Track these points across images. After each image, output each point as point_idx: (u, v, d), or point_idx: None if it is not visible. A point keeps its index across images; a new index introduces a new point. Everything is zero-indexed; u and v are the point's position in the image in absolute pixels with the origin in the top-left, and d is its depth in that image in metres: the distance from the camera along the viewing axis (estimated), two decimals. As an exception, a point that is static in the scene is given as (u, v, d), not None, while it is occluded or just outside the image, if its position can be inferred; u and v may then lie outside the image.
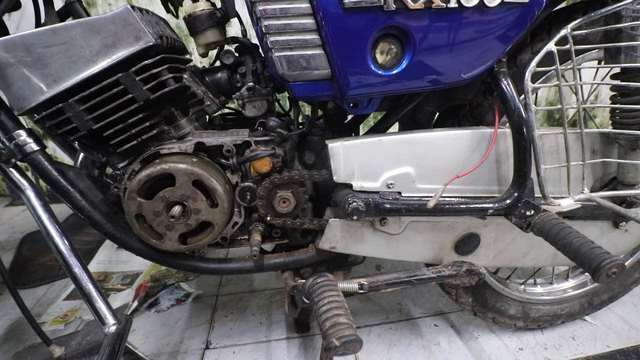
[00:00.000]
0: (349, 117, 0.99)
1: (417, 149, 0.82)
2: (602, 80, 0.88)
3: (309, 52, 0.71)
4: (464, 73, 0.77)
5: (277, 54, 0.71)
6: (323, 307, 0.68)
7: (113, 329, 0.75)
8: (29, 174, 0.79)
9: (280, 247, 0.97)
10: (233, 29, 1.93)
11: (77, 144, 0.80)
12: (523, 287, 1.13)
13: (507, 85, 0.78)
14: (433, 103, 0.95)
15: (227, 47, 0.88)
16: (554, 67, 0.75)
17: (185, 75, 0.79)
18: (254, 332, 1.23)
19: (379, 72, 0.73)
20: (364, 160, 0.80)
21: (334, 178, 0.81)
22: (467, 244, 0.92)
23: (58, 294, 1.47)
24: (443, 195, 0.80)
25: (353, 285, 0.81)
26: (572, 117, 1.21)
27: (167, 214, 0.78)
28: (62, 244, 0.77)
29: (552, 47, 0.74)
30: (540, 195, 0.81)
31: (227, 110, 1.05)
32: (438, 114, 1.01)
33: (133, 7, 0.70)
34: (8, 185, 2.55)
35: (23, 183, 0.77)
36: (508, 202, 0.81)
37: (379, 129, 0.94)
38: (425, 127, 0.98)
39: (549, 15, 0.85)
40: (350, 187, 0.82)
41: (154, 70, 0.72)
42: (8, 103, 0.73)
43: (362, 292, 0.82)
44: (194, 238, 0.84)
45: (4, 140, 0.74)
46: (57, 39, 0.67)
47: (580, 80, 0.76)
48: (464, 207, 0.82)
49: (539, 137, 0.78)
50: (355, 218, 0.78)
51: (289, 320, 1.25)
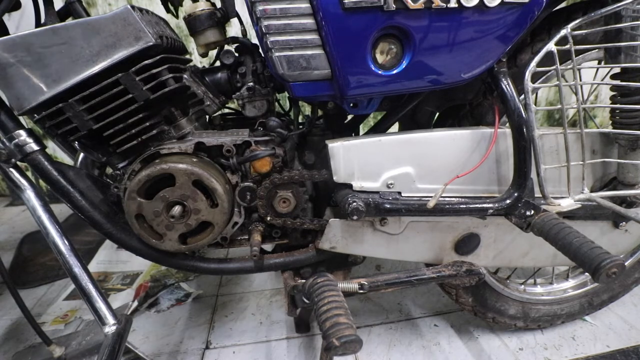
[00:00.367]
0: (349, 117, 0.99)
1: (417, 149, 0.82)
2: (602, 80, 0.88)
3: (309, 52, 0.71)
4: (464, 73, 0.77)
5: (277, 54, 0.71)
6: (323, 307, 0.68)
7: (113, 329, 0.75)
8: (29, 174, 0.79)
9: (280, 247, 0.97)
10: (233, 29, 1.93)
11: (77, 144, 0.80)
12: (523, 287, 1.13)
13: (507, 85, 0.78)
14: (433, 103, 0.95)
15: (227, 47, 0.88)
16: (554, 67, 0.75)
17: (185, 75, 0.79)
18: (254, 332, 1.23)
19: (379, 72, 0.73)
20: (364, 160, 0.80)
21: (334, 178, 0.81)
22: (467, 244, 0.92)
23: (58, 294, 1.47)
24: (443, 195, 0.80)
25: (353, 285, 0.81)
26: (572, 117, 1.21)
27: (167, 214, 0.78)
28: (62, 244, 0.77)
29: (552, 47, 0.74)
30: (540, 195, 0.81)
31: (227, 110, 1.05)
32: (438, 114, 1.01)
33: (133, 7, 0.70)
34: (8, 185, 2.55)
35: (23, 183, 0.77)
36: (508, 202, 0.81)
37: (379, 129, 0.94)
38: (425, 127, 0.98)
39: (549, 15, 0.85)
40: (350, 187, 0.82)
41: (154, 70, 0.72)
42: (8, 103, 0.73)
43: (362, 292, 0.82)
44: (194, 238, 0.84)
45: (4, 140, 0.74)
46: (57, 39, 0.67)
47: (580, 80, 0.76)
48: (464, 207, 0.82)
49: (539, 137, 0.78)
50: (355, 218, 0.78)
51: (289, 320, 1.25)
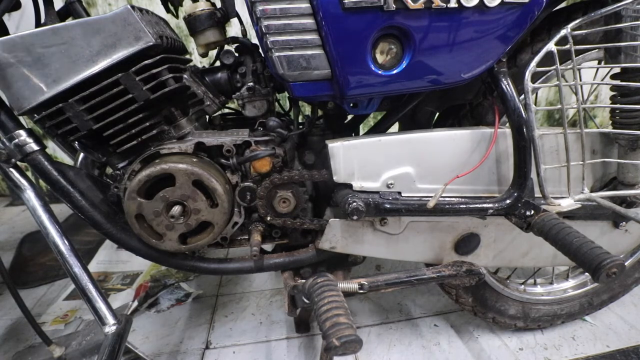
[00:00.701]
0: (349, 117, 0.99)
1: (417, 149, 0.82)
2: (602, 80, 0.88)
3: (309, 52, 0.71)
4: (464, 73, 0.77)
5: (277, 54, 0.71)
6: (323, 307, 0.68)
7: (113, 329, 0.75)
8: (29, 174, 0.79)
9: (280, 247, 0.97)
10: (233, 29, 1.93)
11: (77, 144, 0.80)
12: (523, 287, 1.13)
13: (507, 85, 0.78)
14: (433, 103, 0.95)
15: (227, 47, 0.88)
16: (554, 67, 0.75)
17: (185, 75, 0.79)
18: (254, 332, 1.23)
19: (379, 72, 0.73)
20: (364, 160, 0.80)
21: (334, 178, 0.81)
22: (467, 244, 0.92)
23: (58, 294, 1.47)
24: (443, 195, 0.80)
25: (353, 285, 0.81)
26: (572, 117, 1.22)
27: (167, 214, 0.78)
28: (62, 244, 0.77)
29: (552, 47, 0.74)
30: (540, 195, 0.81)
31: (227, 110, 1.05)
32: (438, 114, 1.01)
33: (133, 7, 0.70)
34: (8, 185, 2.55)
35: (23, 183, 0.77)
36: (508, 202, 0.81)
37: (379, 129, 0.94)
38: (425, 127, 0.98)
39: (549, 15, 0.85)
40: (350, 187, 0.82)
41: (154, 70, 0.72)
42: (8, 103, 0.73)
43: (362, 292, 0.82)
44: (194, 238, 0.84)
45: (4, 140, 0.74)
46: (57, 39, 0.67)
47: (580, 80, 0.76)
48: (464, 207, 0.82)
49: (539, 137, 0.78)
50: (355, 218, 0.78)
51: (289, 320, 1.25)
